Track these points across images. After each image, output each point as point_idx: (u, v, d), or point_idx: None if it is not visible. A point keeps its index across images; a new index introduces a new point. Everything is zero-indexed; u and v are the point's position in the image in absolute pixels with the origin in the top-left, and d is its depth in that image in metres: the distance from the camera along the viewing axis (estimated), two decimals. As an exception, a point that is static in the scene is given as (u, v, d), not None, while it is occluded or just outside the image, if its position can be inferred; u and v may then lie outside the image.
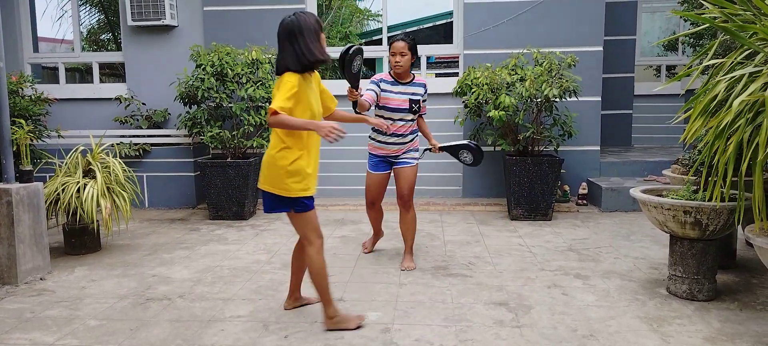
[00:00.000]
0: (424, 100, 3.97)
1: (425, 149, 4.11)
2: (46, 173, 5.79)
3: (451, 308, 3.24)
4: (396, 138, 3.92)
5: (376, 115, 3.92)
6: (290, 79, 2.74)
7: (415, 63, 4.13)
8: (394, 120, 3.89)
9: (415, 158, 3.99)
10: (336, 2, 14.28)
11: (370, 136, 4.06)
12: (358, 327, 2.95)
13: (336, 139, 2.70)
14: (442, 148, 4.04)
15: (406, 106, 3.87)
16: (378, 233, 4.45)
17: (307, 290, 3.28)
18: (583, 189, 6.14)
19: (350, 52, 3.25)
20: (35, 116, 5.57)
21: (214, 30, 6.38)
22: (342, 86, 4.00)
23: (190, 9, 6.44)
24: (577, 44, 6.06)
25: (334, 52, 4.86)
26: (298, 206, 2.86)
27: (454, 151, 4.07)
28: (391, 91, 3.88)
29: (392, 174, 4.07)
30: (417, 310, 3.21)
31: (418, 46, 3.92)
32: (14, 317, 3.20)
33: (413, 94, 3.89)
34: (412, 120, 3.94)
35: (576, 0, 6.05)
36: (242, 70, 5.57)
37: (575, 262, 4.11)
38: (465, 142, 4.05)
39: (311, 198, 2.91)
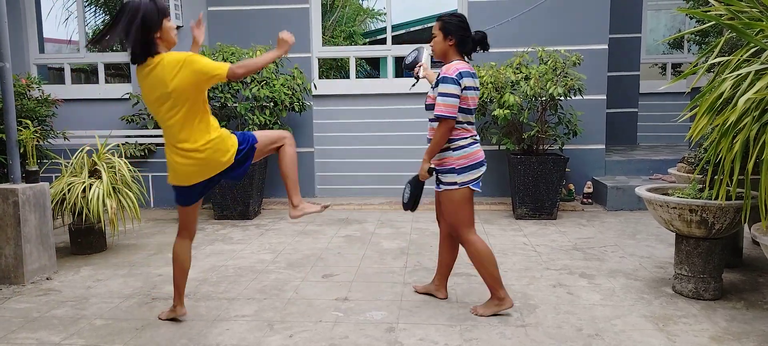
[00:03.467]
0: (434, 93, 2.97)
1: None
2: (52, 173, 5.81)
3: (456, 307, 3.23)
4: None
5: None
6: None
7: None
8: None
9: (443, 183, 3.04)
10: (340, 1, 14.28)
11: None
12: (325, 208, 3.12)
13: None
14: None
15: (430, 102, 3.05)
16: (438, 271, 3.43)
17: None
18: (588, 188, 6.12)
19: (407, 63, 3.47)
20: (42, 117, 5.59)
21: (218, 30, 6.40)
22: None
23: (195, 9, 6.46)
24: (582, 42, 6.04)
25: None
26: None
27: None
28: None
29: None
30: (422, 309, 3.21)
31: (456, 26, 2.99)
32: (21, 316, 3.22)
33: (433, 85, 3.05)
34: (431, 120, 3.08)
35: (581, -2, 6.03)
36: (247, 70, 5.58)
37: (580, 261, 4.09)
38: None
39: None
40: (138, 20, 2.64)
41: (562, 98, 5.32)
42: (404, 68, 3.54)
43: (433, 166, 3.03)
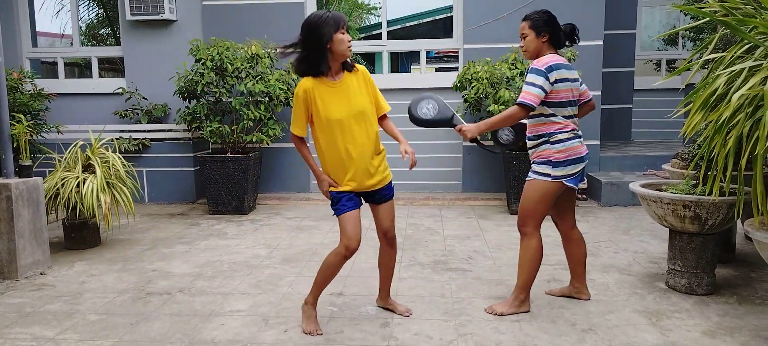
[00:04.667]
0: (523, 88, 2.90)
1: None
2: (46, 168, 5.78)
3: (451, 302, 3.24)
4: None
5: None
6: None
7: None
8: None
9: (535, 172, 2.98)
10: (335, -3, 14.23)
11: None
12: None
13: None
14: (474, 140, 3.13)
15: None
16: (571, 271, 3.28)
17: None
18: (583, 183, 6.13)
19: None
20: (35, 112, 5.56)
21: (213, 24, 6.37)
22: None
23: (189, 3, 6.42)
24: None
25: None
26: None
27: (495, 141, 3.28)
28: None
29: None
30: (416, 304, 3.21)
31: (547, 22, 2.95)
32: (15, 311, 3.20)
33: None
34: (529, 117, 3.00)
35: (576, -6, 6.04)
36: (242, 64, 5.56)
37: (575, 256, 4.11)
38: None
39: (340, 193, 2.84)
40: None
41: (557, 94, 5.33)
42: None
43: (532, 160, 2.98)
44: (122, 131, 6.25)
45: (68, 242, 4.47)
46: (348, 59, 2.75)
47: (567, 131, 2.92)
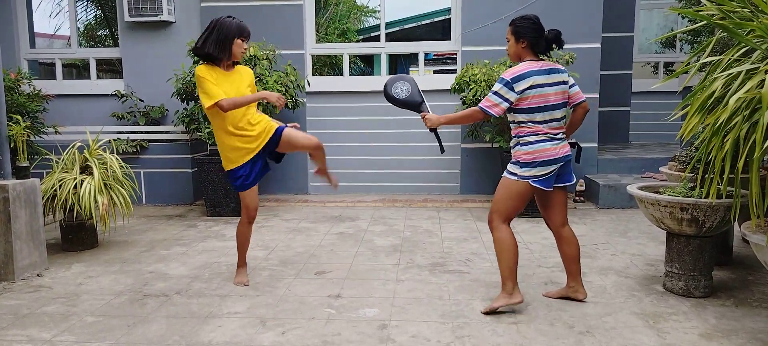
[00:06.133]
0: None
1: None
2: (43, 169, 5.77)
3: (449, 304, 3.24)
4: None
5: None
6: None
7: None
8: None
9: (508, 171, 3.09)
10: (334, -1, 14.24)
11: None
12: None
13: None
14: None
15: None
16: (566, 270, 3.31)
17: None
18: (581, 186, 6.14)
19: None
20: (32, 113, 5.55)
21: (211, 26, 6.35)
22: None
23: (187, 5, 6.42)
24: (575, 41, 6.06)
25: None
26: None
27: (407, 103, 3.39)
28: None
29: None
30: (414, 306, 3.21)
31: (528, 28, 3.03)
32: (11, 313, 3.19)
33: None
34: (510, 122, 3.15)
35: (574, -3, 6.05)
36: (240, 66, 5.55)
37: (572, 258, 4.11)
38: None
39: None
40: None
41: (555, 96, 5.33)
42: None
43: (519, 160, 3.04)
44: (120, 133, 6.24)
45: (65, 243, 4.45)
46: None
47: (537, 135, 3.00)
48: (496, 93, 2.97)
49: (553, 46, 3.08)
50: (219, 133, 3.40)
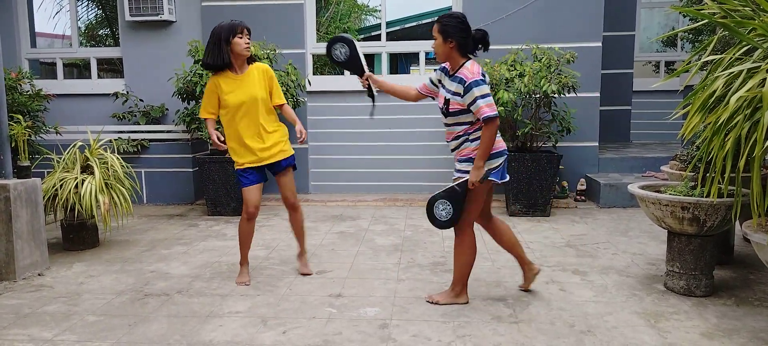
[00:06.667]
0: (465, 100, 2.94)
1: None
2: (44, 168, 5.77)
3: (450, 304, 3.24)
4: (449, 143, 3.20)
5: None
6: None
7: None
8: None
9: (458, 170, 3.10)
10: (335, -2, 14.25)
11: None
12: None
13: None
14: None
15: (440, 104, 3.10)
16: (515, 257, 3.42)
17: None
18: (582, 185, 6.14)
19: (328, 48, 3.37)
20: (33, 112, 5.55)
21: (211, 25, 6.28)
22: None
23: (188, 4, 6.42)
24: (576, 40, 6.05)
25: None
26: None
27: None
28: (442, 85, 3.14)
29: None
30: (415, 306, 3.21)
31: (455, 27, 2.97)
32: (12, 312, 3.20)
33: (448, 90, 3.05)
34: (449, 125, 3.11)
35: (575, -5, 6.05)
36: (240, 65, 5.55)
37: (573, 258, 4.11)
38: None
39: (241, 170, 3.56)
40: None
41: (556, 95, 5.33)
42: (336, 64, 3.46)
43: (472, 157, 3.01)
44: (121, 132, 6.24)
45: (66, 242, 4.46)
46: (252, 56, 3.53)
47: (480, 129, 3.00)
48: (487, 95, 2.91)
49: (480, 46, 3.07)
50: (225, 130, 3.57)
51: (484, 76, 2.96)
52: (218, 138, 3.55)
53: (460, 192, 3.03)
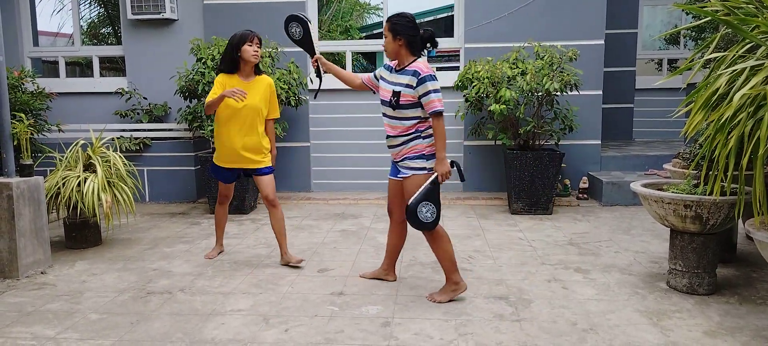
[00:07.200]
0: (417, 91, 3.06)
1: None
2: (47, 167, 5.79)
3: (452, 302, 3.24)
4: (387, 139, 3.30)
5: None
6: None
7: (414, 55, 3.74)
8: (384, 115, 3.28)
9: (410, 168, 3.18)
10: (336, -4, 14.24)
11: None
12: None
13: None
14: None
15: (387, 97, 3.19)
16: (389, 256, 3.65)
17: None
18: (584, 183, 6.13)
19: (285, 25, 3.60)
20: (36, 111, 5.57)
21: (214, 23, 6.37)
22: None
23: (190, 2, 6.42)
24: (579, 38, 6.04)
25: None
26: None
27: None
28: (383, 79, 3.31)
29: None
30: (417, 304, 3.21)
31: (405, 26, 3.13)
32: (15, 310, 3.21)
33: (396, 83, 3.15)
34: (396, 119, 3.18)
35: (577, -7, 6.03)
36: (242, 64, 5.55)
37: (575, 256, 4.11)
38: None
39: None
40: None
41: (558, 93, 5.33)
42: (293, 42, 3.73)
43: (424, 153, 3.17)
44: (123, 130, 6.25)
45: (69, 241, 4.47)
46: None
47: (430, 128, 3.17)
48: (438, 90, 3.07)
49: (428, 45, 3.20)
50: (216, 127, 3.86)
51: (434, 74, 3.11)
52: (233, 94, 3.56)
53: (435, 189, 3.13)
